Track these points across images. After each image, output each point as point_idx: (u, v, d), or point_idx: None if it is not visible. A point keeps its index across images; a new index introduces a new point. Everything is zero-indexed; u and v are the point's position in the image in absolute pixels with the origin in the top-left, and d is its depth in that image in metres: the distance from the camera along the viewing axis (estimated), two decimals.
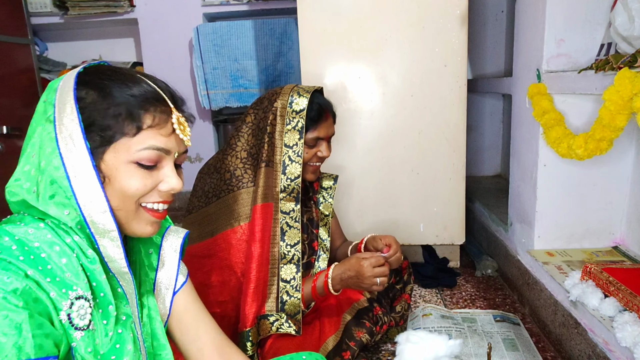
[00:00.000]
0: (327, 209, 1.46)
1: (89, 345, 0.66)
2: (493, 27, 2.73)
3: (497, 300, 1.75)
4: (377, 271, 1.20)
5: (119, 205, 0.70)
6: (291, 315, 1.22)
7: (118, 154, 0.68)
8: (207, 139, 3.06)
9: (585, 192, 1.54)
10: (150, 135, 0.70)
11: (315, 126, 1.27)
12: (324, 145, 1.29)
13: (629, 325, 1.04)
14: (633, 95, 1.03)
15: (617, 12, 1.28)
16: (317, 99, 1.29)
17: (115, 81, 0.70)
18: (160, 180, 0.73)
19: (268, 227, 1.24)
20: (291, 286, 1.24)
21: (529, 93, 1.55)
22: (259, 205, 1.23)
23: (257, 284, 1.21)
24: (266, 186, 1.24)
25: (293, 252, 1.25)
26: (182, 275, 0.89)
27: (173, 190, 0.74)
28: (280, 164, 1.24)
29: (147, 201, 0.72)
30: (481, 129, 2.85)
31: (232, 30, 2.72)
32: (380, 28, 1.79)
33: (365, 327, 1.29)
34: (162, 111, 0.71)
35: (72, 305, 0.64)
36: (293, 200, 1.26)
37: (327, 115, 1.30)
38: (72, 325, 0.64)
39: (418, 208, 1.91)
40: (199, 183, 1.39)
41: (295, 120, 1.23)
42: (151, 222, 0.74)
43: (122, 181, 0.69)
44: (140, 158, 0.69)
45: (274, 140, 1.24)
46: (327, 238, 1.44)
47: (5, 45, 2.47)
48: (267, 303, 1.21)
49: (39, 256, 0.63)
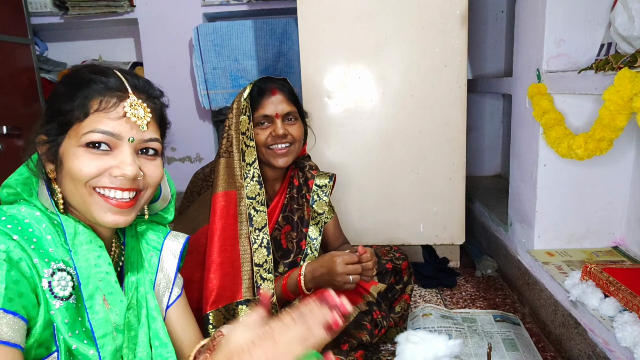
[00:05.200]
0: (320, 207, 1.43)
1: (65, 317, 0.66)
2: (493, 27, 2.73)
3: (497, 300, 1.75)
4: (350, 268, 1.18)
5: (71, 188, 0.72)
6: None
7: (71, 139, 0.72)
8: (207, 139, 3.06)
9: (585, 192, 1.54)
10: (97, 119, 0.71)
11: (258, 105, 1.29)
12: (277, 123, 1.29)
13: (629, 325, 1.04)
14: (633, 95, 1.03)
15: (617, 12, 1.28)
16: (259, 82, 1.31)
17: (82, 74, 0.74)
18: (112, 165, 0.72)
19: (232, 211, 1.24)
20: (264, 269, 1.24)
21: (529, 93, 1.55)
22: (219, 193, 1.24)
23: (222, 261, 1.20)
24: (227, 175, 1.26)
25: (262, 236, 1.26)
26: (177, 288, 0.90)
27: (124, 177, 0.72)
28: (238, 152, 1.27)
29: (97, 185, 0.72)
30: (481, 129, 2.84)
31: (232, 30, 2.71)
32: (380, 28, 1.79)
33: (366, 328, 1.30)
34: (112, 96, 0.73)
35: (54, 274, 0.67)
36: (257, 184, 1.27)
37: (273, 93, 1.30)
38: (52, 293, 0.66)
39: (418, 208, 1.91)
40: (190, 185, 1.40)
41: (244, 107, 1.27)
42: (111, 210, 0.73)
43: (70, 164, 0.71)
44: (86, 140, 0.71)
45: (231, 132, 1.27)
46: (316, 237, 1.42)
47: (5, 45, 2.47)
48: (243, 288, 1.21)
49: (27, 229, 0.68)
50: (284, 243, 1.39)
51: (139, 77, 0.79)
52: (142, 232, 0.88)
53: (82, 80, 0.73)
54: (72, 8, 2.76)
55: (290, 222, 1.41)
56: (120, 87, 0.74)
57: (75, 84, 0.73)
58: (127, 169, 0.72)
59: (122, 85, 0.74)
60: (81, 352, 0.67)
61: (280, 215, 1.39)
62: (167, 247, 0.89)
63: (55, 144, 0.72)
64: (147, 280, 0.85)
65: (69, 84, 0.74)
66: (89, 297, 0.71)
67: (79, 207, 0.74)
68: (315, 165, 1.49)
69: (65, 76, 0.76)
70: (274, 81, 1.33)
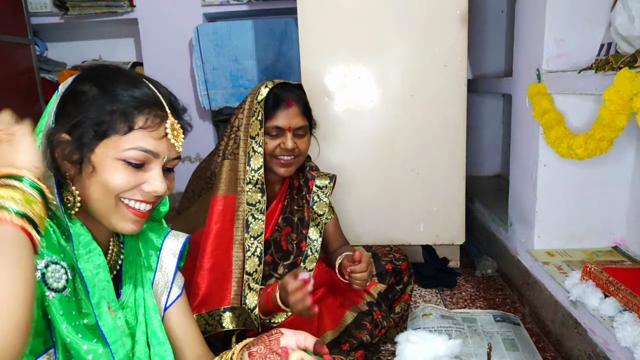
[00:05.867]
0: (321, 208, 1.42)
1: (59, 309, 0.67)
2: (493, 27, 2.73)
3: (497, 300, 1.75)
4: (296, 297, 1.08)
5: (99, 196, 0.72)
6: (250, 309, 1.19)
7: (108, 149, 0.71)
8: (207, 139, 3.06)
9: (585, 192, 1.54)
10: (141, 137, 0.72)
11: (272, 114, 1.26)
12: (287, 136, 1.27)
13: (629, 325, 1.04)
14: (633, 95, 1.03)
15: (617, 12, 1.28)
16: (276, 89, 1.27)
17: (118, 81, 0.74)
18: (144, 181, 0.74)
19: (229, 216, 1.23)
20: (253, 279, 1.23)
21: (529, 93, 1.55)
22: (219, 196, 1.23)
23: (212, 266, 1.19)
24: (229, 179, 1.25)
25: (256, 244, 1.24)
26: (177, 288, 0.90)
27: (156, 193, 0.75)
28: (245, 156, 1.24)
29: (127, 197, 0.74)
30: (481, 129, 2.84)
31: (232, 30, 2.71)
32: (380, 28, 1.79)
33: (366, 328, 1.30)
34: (156, 115, 0.74)
35: (48, 266, 0.66)
36: (259, 191, 1.25)
37: (289, 105, 1.27)
38: (46, 285, 0.66)
39: (418, 208, 1.91)
40: (189, 185, 1.39)
41: (257, 111, 1.24)
42: (131, 220, 0.75)
43: (106, 175, 0.71)
44: (127, 157, 0.72)
45: (239, 133, 1.25)
46: (317, 239, 1.41)
47: (5, 45, 2.48)
48: (231, 295, 1.19)
49: None
50: (284, 244, 1.38)
51: (171, 92, 0.80)
52: (142, 231, 0.88)
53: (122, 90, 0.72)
54: (72, 8, 2.77)
55: (290, 224, 1.40)
56: (158, 103, 0.75)
57: (113, 93, 0.72)
58: (159, 187, 0.75)
59: (160, 102, 0.75)
60: (74, 346, 0.67)
61: (280, 217, 1.39)
62: (167, 247, 0.89)
63: (85, 148, 0.71)
64: (146, 279, 0.85)
65: (105, 91, 0.72)
66: (96, 305, 0.71)
67: (99, 213, 0.74)
68: (316, 166, 1.48)
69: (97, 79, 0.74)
70: (292, 90, 1.30)
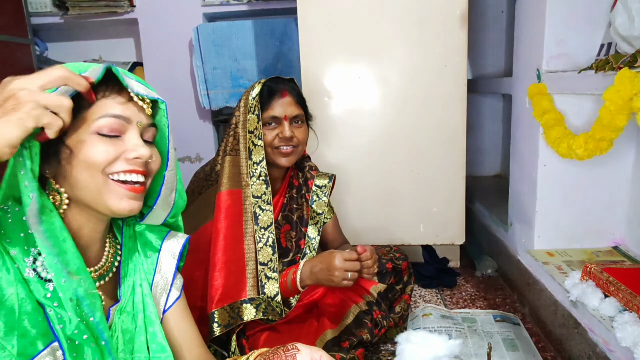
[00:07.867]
0: (320, 207, 1.44)
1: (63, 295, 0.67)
2: (493, 27, 2.73)
3: (497, 300, 1.75)
4: (348, 265, 1.19)
5: (86, 178, 0.70)
6: (271, 297, 1.23)
7: (79, 127, 0.70)
8: (207, 139, 3.05)
9: (585, 192, 1.54)
10: (106, 105, 0.71)
11: (267, 105, 1.29)
12: (284, 125, 1.30)
13: (629, 325, 1.04)
14: (633, 95, 1.03)
15: (617, 12, 1.28)
16: (269, 82, 1.31)
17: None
18: (124, 149, 0.73)
19: (237, 210, 1.25)
20: (269, 268, 1.25)
21: (529, 93, 1.55)
22: (224, 191, 1.24)
23: (227, 259, 1.21)
24: (232, 174, 1.26)
25: (267, 234, 1.27)
26: (176, 290, 0.89)
27: (140, 158, 0.73)
28: (245, 151, 1.27)
29: (113, 171, 0.72)
30: (481, 129, 2.84)
31: (232, 30, 2.71)
32: (380, 28, 1.79)
33: (366, 327, 1.31)
34: (114, 84, 0.73)
35: (36, 260, 0.66)
36: (263, 183, 1.28)
37: (283, 94, 1.31)
38: (41, 278, 0.65)
39: (418, 208, 1.91)
40: (190, 185, 1.40)
41: (253, 106, 1.27)
42: (126, 196, 0.73)
43: (85, 151, 0.70)
44: (100, 127, 0.70)
45: (238, 129, 1.28)
46: (315, 237, 1.43)
47: (5, 45, 2.47)
48: (247, 287, 1.21)
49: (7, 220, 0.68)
50: (283, 242, 1.39)
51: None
52: (141, 232, 0.87)
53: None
54: (72, 8, 2.76)
55: (289, 222, 1.41)
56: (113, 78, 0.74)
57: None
58: (141, 151, 0.73)
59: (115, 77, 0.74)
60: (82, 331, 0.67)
61: (279, 215, 1.40)
62: (166, 248, 0.88)
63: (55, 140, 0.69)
64: (145, 282, 0.84)
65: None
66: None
67: (92, 197, 0.72)
68: (315, 166, 1.49)
69: None
70: (284, 82, 1.33)
